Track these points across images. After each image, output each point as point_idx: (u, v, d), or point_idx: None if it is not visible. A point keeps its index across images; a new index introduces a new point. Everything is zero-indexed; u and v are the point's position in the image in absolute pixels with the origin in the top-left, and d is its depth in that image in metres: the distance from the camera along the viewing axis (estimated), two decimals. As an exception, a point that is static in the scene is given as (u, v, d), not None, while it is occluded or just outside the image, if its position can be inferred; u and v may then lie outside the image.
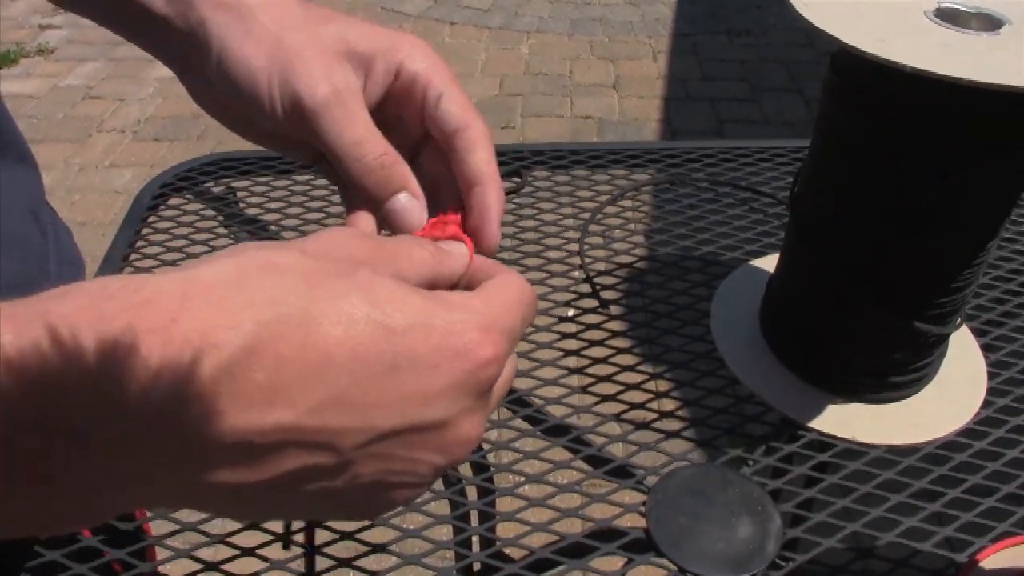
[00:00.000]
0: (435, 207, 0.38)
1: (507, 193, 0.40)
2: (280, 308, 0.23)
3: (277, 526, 0.53)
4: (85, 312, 0.22)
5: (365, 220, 0.38)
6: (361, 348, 0.24)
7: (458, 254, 0.33)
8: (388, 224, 0.37)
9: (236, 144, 0.41)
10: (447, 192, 0.39)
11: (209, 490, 0.24)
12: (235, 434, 0.23)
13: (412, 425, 0.26)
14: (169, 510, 0.54)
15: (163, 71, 3.26)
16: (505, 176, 0.40)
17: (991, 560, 0.51)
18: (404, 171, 0.37)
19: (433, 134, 0.39)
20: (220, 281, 0.24)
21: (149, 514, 0.56)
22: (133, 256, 0.74)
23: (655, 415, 0.61)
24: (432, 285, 0.30)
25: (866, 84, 0.50)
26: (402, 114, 0.39)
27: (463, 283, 0.34)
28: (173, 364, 0.22)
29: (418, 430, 0.26)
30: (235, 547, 0.52)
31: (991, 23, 0.49)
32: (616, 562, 0.52)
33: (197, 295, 0.23)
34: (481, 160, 0.37)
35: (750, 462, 0.57)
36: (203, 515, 0.54)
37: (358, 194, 0.37)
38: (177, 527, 0.53)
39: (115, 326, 0.22)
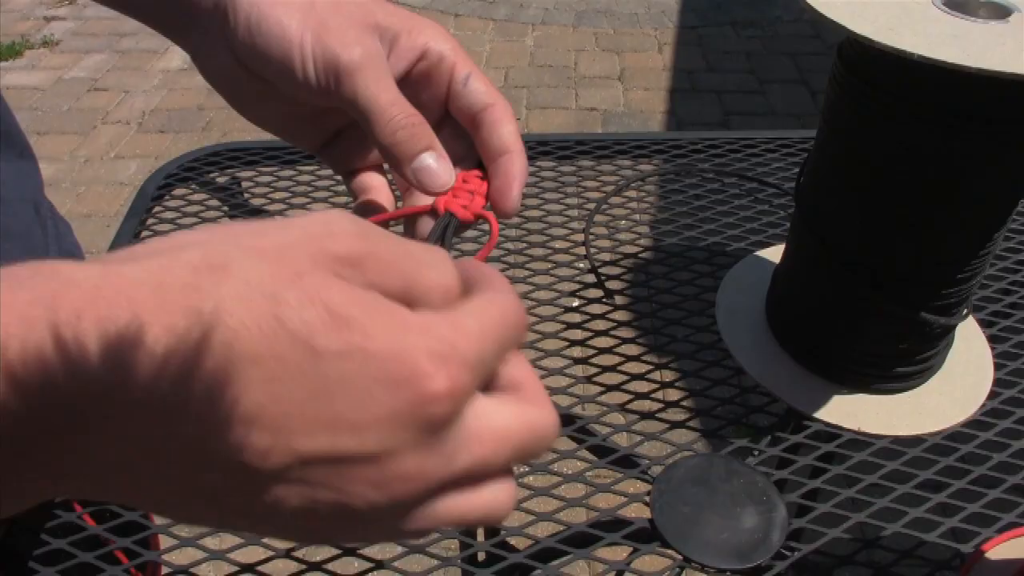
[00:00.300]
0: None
1: None
2: (193, 317, 0.21)
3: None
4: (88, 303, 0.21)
5: (376, 207, 0.39)
6: (283, 367, 0.22)
7: (442, 258, 0.28)
8: (416, 184, 0.37)
9: (241, 135, 0.41)
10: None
11: (124, 490, 0.23)
12: (138, 443, 0.22)
13: (339, 454, 0.23)
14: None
15: (168, 63, 3.27)
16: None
17: (997, 551, 0.51)
18: (430, 131, 0.38)
19: (457, 113, 0.40)
20: (139, 280, 0.22)
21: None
22: (138, 246, 0.74)
23: (660, 405, 0.61)
24: (407, 293, 0.26)
25: (873, 73, 0.50)
26: (422, 93, 0.40)
27: None
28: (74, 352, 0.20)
29: (348, 460, 0.23)
30: (240, 534, 0.52)
31: (1000, 11, 0.48)
32: (621, 552, 0.52)
33: (109, 293, 0.21)
34: (508, 133, 0.38)
35: (755, 452, 0.57)
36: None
37: (384, 156, 0.37)
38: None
39: (12, 319, 0.20)
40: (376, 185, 0.42)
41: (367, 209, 0.41)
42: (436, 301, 0.25)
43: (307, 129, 0.42)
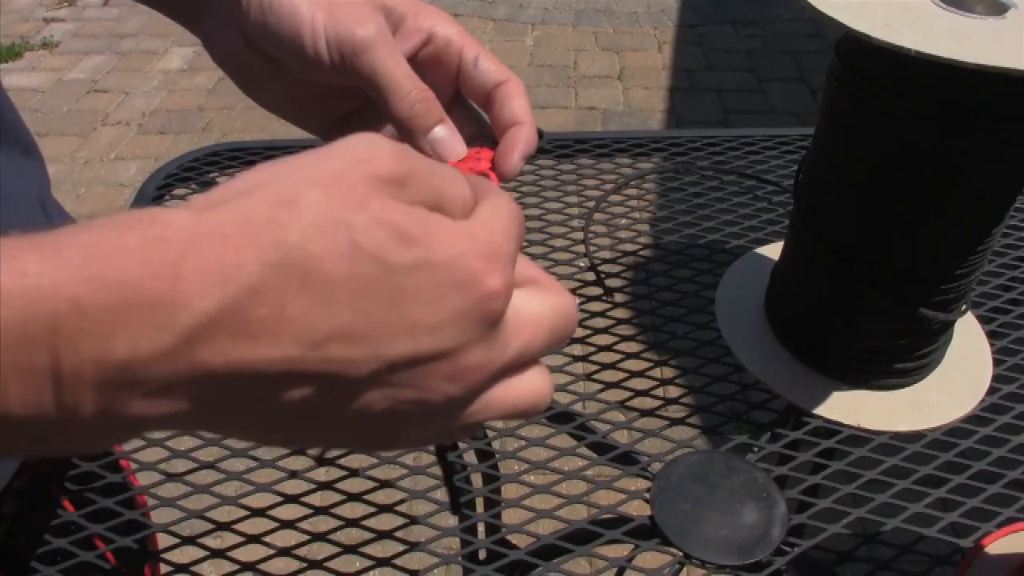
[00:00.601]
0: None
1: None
2: (282, 249, 0.24)
3: (284, 512, 0.53)
4: (105, 248, 0.23)
5: None
6: (364, 285, 0.25)
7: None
8: (432, 154, 0.39)
9: (241, 136, 0.42)
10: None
11: (221, 420, 0.25)
12: (241, 367, 0.24)
13: (420, 354, 0.26)
14: (174, 499, 0.54)
15: (168, 64, 3.27)
16: None
17: (996, 546, 0.51)
18: (440, 106, 0.39)
19: (470, 93, 0.41)
20: (231, 219, 0.24)
21: (151, 502, 0.56)
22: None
23: (660, 402, 0.61)
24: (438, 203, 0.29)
25: (871, 70, 0.50)
26: (428, 76, 0.41)
27: None
28: (183, 302, 0.22)
29: (427, 359, 0.26)
30: (240, 533, 0.52)
31: (997, 8, 0.49)
32: (621, 549, 0.52)
33: (207, 233, 0.23)
34: (520, 106, 0.40)
35: (755, 448, 0.57)
36: (206, 503, 0.54)
37: (399, 128, 0.39)
38: (183, 514, 0.53)
39: (131, 262, 0.22)
40: None
41: None
42: (458, 210, 0.29)
43: (316, 111, 0.43)
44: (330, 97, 0.42)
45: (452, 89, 0.42)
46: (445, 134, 0.39)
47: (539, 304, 0.29)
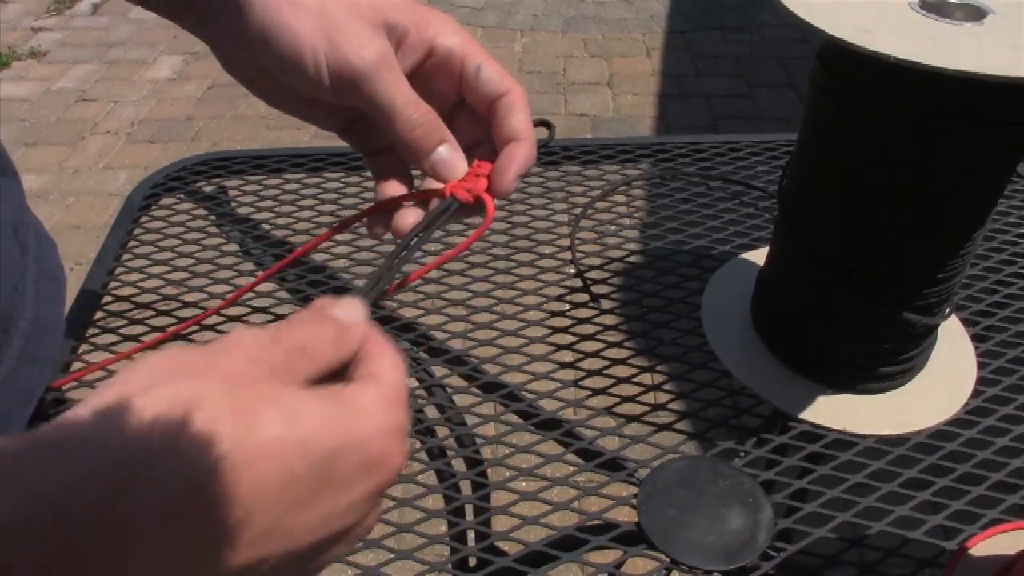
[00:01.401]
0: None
1: (539, 146, 0.44)
2: (215, 450, 0.24)
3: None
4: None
5: (395, 187, 0.42)
6: (292, 480, 0.26)
7: (354, 326, 0.32)
8: (432, 175, 0.40)
9: (229, 145, 0.42)
10: (483, 156, 0.42)
11: None
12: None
13: (330, 536, 0.28)
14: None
15: (157, 73, 3.26)
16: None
17: (981, 547, 0.51)
18: (443, 125, 0.40)
19: (473, 102, 0.42)
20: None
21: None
22: (125, 256, 0.74)
23: (647, 408, 0.61)
24: (334, 368, 0.30)
25: (852, 76, 0.50)
26: (434, 86, 0.42)
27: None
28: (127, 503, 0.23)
29: (334, 538, 0.28)
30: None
31: (975, 13, 0.49)
32: (609, 555, 0.52)
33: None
34: (519, 120, 0.40)
35: (742, 454, 0.58)
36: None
37: (401, 151, 0.40)
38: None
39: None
40: (395, 165, 0.44)
41: (385, 192, 0.43)
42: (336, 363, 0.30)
43: (325, 116, 0.43)
44: (338, 106, 0.42)
45: (457, 96, 0.42)
46: (446, 155, 0.40)
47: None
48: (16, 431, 0.47)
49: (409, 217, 0.41)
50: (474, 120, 0.43)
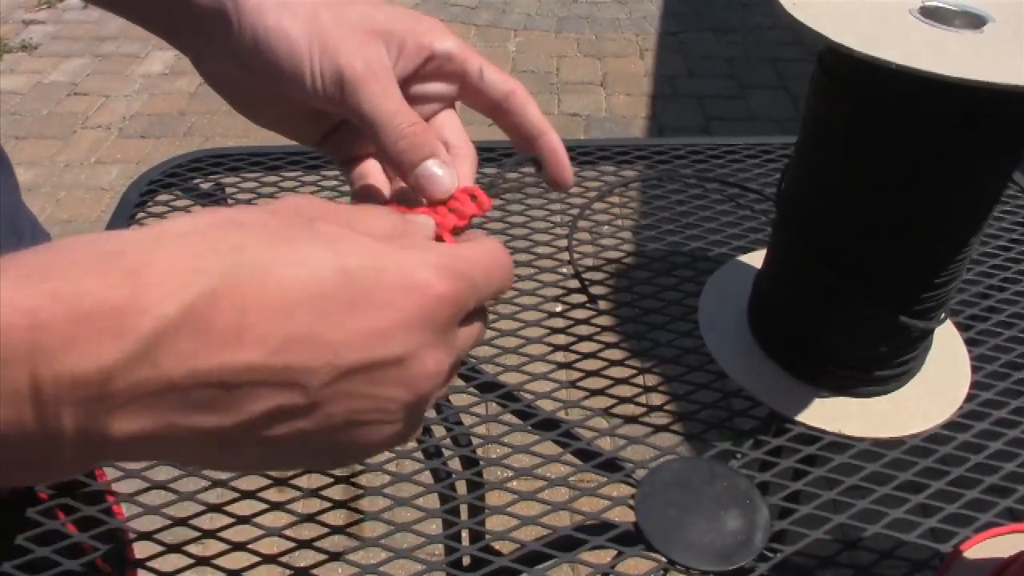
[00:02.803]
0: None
1: (534, 172, 0.44)
2: (243, 254, 0.25)
3: (267, 520, 0.53)
4: (61, 263, 0.23)
5: (378, 194, 0.41)
6: (319, 288, 0.25)
7: (421, 223, 0.35)
8: (418, 191, 0.39)
9: (223, 140, 0.42)
10: (463, 162, 0.42)
11: (191, 436, 0.25)
12: (208, 374, 0.24)
13: (373, 361, 0.27)
14: (158, 503, 0.54)
15: (149, 67, 3.25)
16: (524, 163, 0.43)
17: (974, 550, 0.52)
18: (434, 139, 0.39)
19: (476, 105, 0.42)
20: (187, 231, 0.25)
21: (135, 509, 0.56)
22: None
23: (644, 409, 0.62)
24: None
25: (853, 81, 0.50)
26: (431, 91, 0.41)
27: None
28: (144, 308, 0.23)
29: (379, 366, 0.27)
30: (225, 540, 0.52)
31: (975, 21, 0.49)
32: (605, 555, 0.52)
33: (165, 244, 0.24)
34: (535, 115, 0.41)
35: (738, 455, 0.58)
36: (190, 511, 0.54)
37: (388, 163, 0.39)
38: (168, 521, 0.53)
39: (88, 273, 0.23)
40: (372, 172, 0.43)
41: (365, 196, 0.42)
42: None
43: (307, 126, 0.43)
44: (323, 113, 0.42)
45: (451, 101, 0.43)
46: (433, 170, 0.38)
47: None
48: None
49: None
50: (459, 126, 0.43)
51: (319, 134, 0.43)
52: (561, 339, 0.67)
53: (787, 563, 0.51)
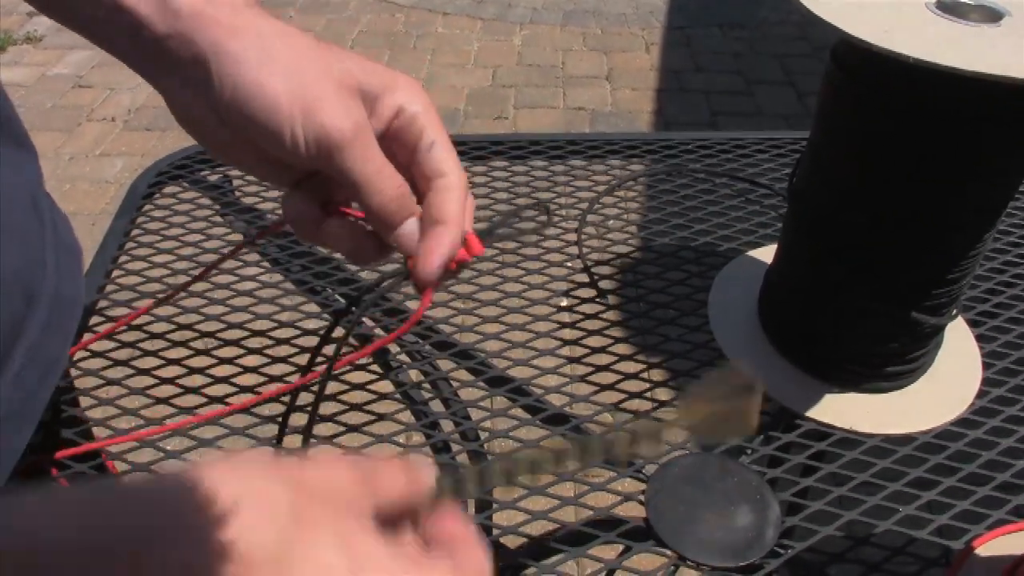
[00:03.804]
0: None
1: (532, 230, 0.44)
2: (261, 554, 0.25)
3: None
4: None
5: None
6: None
7: (425, 479, 0.33)
8: (398, 246, 0.40)
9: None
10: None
11: None
12: None
13: None
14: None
15: (154, 60, 3.24)
16: (530, 207, 0.43)
17: (986, 548, 0.51)
18: (413, 199, 0.40)
19: (415, 175, 0.41)
20: (196, 525, 0.25)
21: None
22: (129, 245, 0.74)
23: (653, 404, 0.61)
24: (402, 512, 0.31)
25: (867, 75, 0.50)
26: (395, 147, 0.41)
27: (439, 540, 0.35)
28: None
29: None
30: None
31: (991, 15, 0.49)
32: (615, 550, 0.52)
33: (179, 538, 0.24)
34: (452, 202, 0.40)
35: (748, 451, 0.58)
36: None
37: (370, 220, 0.39)
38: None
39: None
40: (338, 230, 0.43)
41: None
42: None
43: (280, 174, 0.41)
44: (289, 163, 0.40)
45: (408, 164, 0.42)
46: (413, 228, 0.39)
47: None
48: (40, 403, 0.47)
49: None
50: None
51: (292, 181, 0.42)
52: (570, 333, 0.67)
53: (797, 559, 0.51)
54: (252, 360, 0.63)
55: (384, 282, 0.41)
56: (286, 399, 0.54)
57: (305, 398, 0.51)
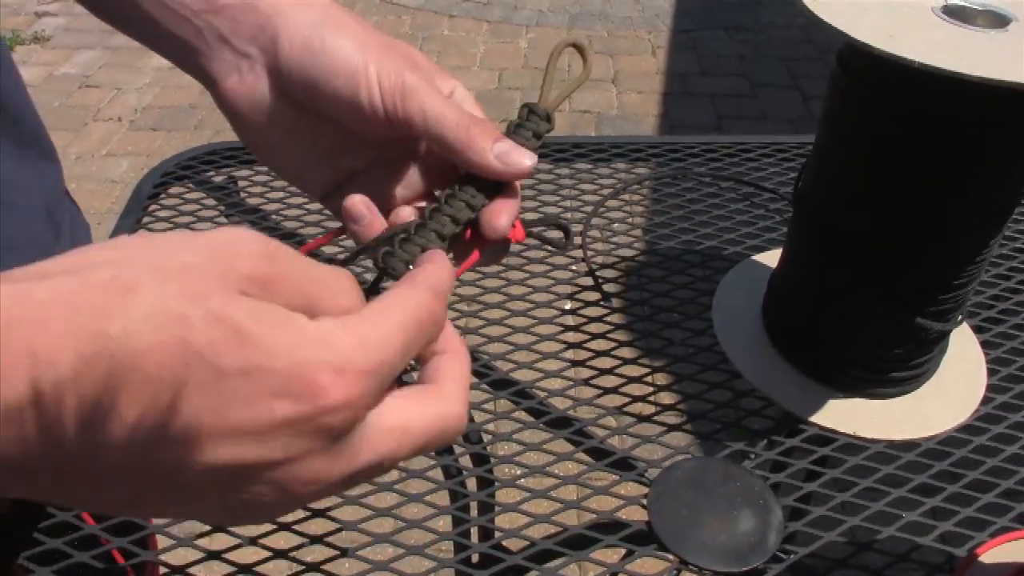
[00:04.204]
0: None
1: (551, 247, 0.44)
2: (101, 342, 0.22)
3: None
4: None
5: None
6: (189, 385, 0.23)
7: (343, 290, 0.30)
8: (503, 165, 0.38)
9: (233, 135, 0.41)
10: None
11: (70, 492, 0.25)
12: (52, 466, 0.23)
13: (245, 461, 0.25)
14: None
15: (160, 60, 3.23)
16: (548, 227, 0.43)
17: (990, 555, 0.51)
18: (494, 127, 0.39)
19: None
20: (52, 300, 0.23)
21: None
22: (134, 244, 0.74)
23: (656, 408, 0.61)
24: (309, 308, 0.28)
25: (872, 79, 0.50)
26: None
27: None
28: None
29: (252, 467, 0.25)
30: (235, 535, 0.52)
31: (998, 20, 0.49)
32: (617, 554, 0.52)
33: (24, 315, 0.22)
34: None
35: (751, 455, 0.58)
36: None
37: (459, 159, 0.38)
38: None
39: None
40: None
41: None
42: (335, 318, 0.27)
43: (318, 170, 0.41)
44: (339, 154, 0.40)
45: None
46: (509, 146, 0.38)
47: (412, 414, 0.28)
48: None
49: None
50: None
51: (329, 181, 0.42)
52: (574, 336, 0.67)
53: (800, 565, 0.51)
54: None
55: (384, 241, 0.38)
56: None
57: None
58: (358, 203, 0.38)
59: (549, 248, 0.46)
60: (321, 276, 0.28)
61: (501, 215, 0.39)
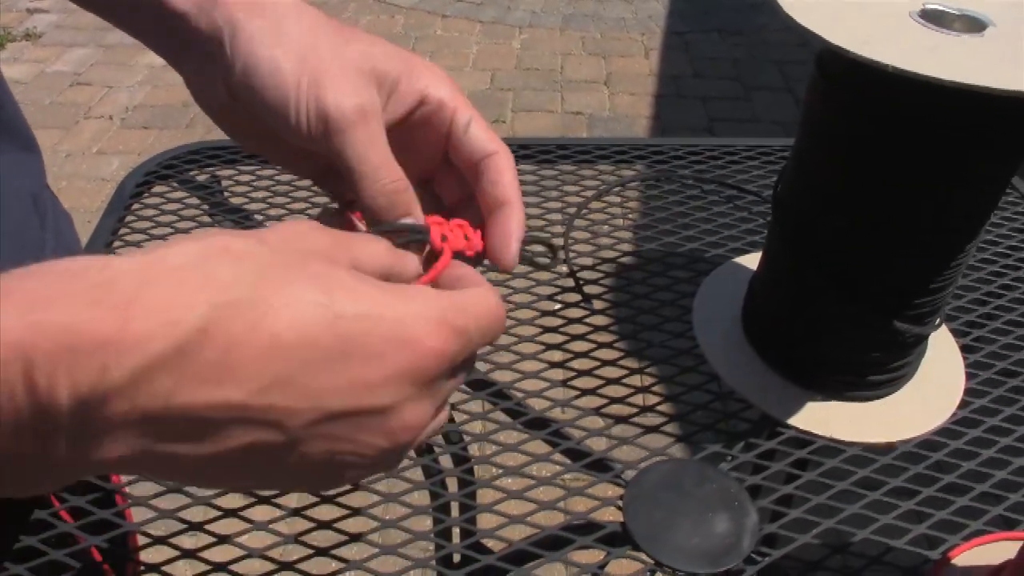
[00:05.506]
0: None
1: (537, 267, 0.43)
2: (233, 292, 0.25)
3: (257, 514, 0.53)
4: (53, 292, 0.23)
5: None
6: (309, 333, 0.26)
7: (411, 256, 0.35)
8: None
9: (224, 134, 0.41)
10: (464, 216, 0.40)
11: (167, 460, 0.26)
12: (186, 409, 0.24)
13: (357, 409, 0.27)
14: (148, 498, 0.54)
15: (153, 58, 3.24)
16: (535, 243, 0.42)
17: (963, 557, 0.51)
18: (411, 198, 0.37)
19: (457, 160, 0.39)
20: (181, 264, 0.25)
21: (129, 501, 0.55)
22: (116, 243, 0.74)
23: (635, 410, 0.61)
24: (387, 278, 0.32)
25: (850, 84, 0.50)
26: (420, 137, 0.39)
27: (446, 286, 0.36)
28: (130, 344, 0.23)
29: (363, 414, 0.27)
30: (212, 535, 0.52)
31: (975, 25, 0.49)
32: (594, 555, 0.52)
33: (157, 276, 0.24)
34: (509, 184, 0.39)
35: (729, 457, 0.58)
36: (182, 502, 0.54)
37: (364, 211, 0.38)
38: (156, 514, 0.53)
39: (79, 305, 0.23)
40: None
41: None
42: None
43: (299, 162, 0.41)
44: (313, 151, 0.40)
45: (443, 151, 0.40)
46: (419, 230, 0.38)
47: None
48: None
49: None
50: (456, 180, 0.41)
51: (312, 172, 0.41)
52: (554, 338, 0.67)
53: (775, 567, 0.51)
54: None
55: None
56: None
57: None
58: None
59: (536, 264, 0.45)
60: (379, 251, 0.33)
61: (509, 240, 0.39)
